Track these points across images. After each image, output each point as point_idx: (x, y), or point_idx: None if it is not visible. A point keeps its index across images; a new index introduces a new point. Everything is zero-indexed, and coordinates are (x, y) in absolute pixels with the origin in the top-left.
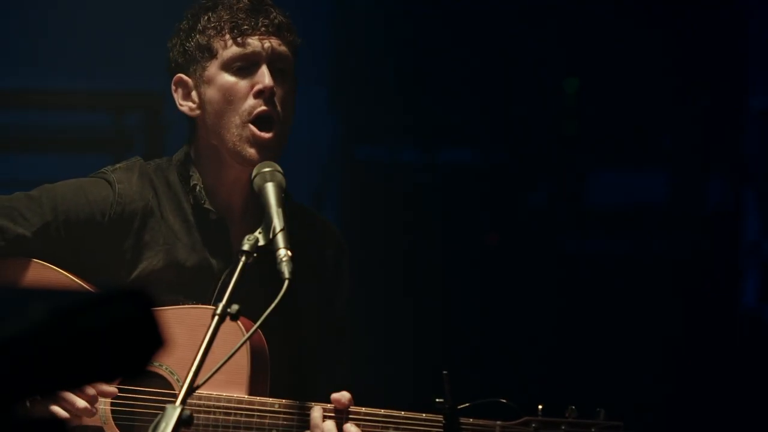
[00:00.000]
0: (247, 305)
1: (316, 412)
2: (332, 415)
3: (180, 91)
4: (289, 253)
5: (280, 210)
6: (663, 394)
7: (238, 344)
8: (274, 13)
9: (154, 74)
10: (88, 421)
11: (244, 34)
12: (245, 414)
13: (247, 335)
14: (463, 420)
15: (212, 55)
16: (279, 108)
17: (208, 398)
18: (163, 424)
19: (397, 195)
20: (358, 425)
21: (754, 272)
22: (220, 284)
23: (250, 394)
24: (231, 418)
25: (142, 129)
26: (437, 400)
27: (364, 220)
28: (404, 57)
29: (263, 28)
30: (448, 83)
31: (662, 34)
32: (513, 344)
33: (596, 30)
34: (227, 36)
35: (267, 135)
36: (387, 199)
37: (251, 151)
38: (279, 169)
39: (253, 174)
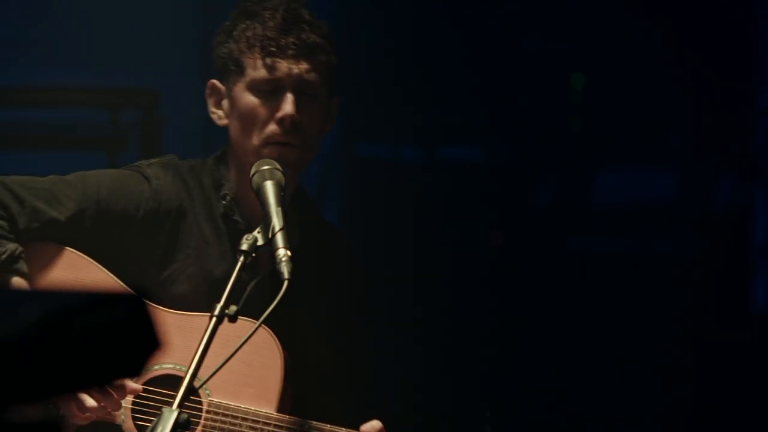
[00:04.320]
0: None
1: None
2: None
3: (213, 97)
4: (289, 252)
5: (279, 209)
6: (672, 395)
7: (239, 344)
8: (307, 32)
9: (151, 72)
10: (107, 419)
11: (272, 56)
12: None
13: (247, 335)
14: None
15: (241, 71)
16: (301, 133)
17: (236, 410)
18: (159, 428)
19: (399, 193)
20: None
21: (764, 272)
22: (246, 295)
23: (279, 411)
24: None
25: (138, 127)
26: None
27: (366, 219)
28: (406, 53)
29: (292, 51)
30: (451, 79)
31: (670, 31)
32: (517, 344)
33: (603, 25)
34: (256, 54)
35: (284, 149)
36: (389, 198)
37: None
38: (278, 167)
39: (252, 172)
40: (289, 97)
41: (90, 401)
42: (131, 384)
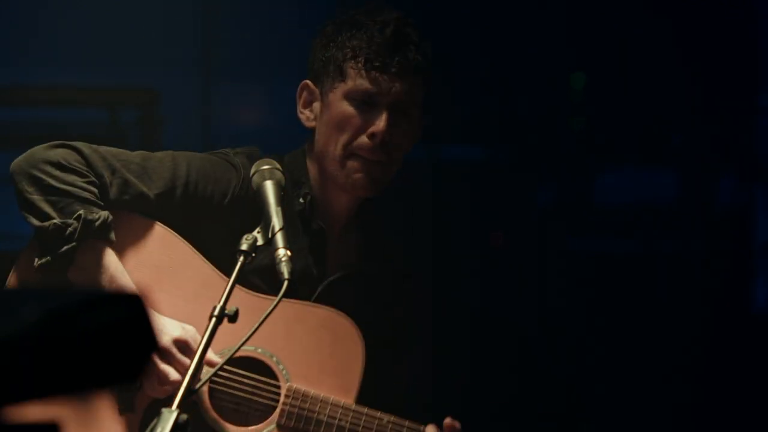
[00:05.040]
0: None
1: (431, 429)
2: None
3: (303, 97)
4: (288, 252)
5: (279, 209)
6: (672, 395)
7: (238, 345)
8: (413, 53)
9: (151, 71)
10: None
11: (375, 70)
12: (351, 422)
13: (249, 334)
14: None
15: (342, 78)
16: (389, 150)
17: (315, 398)
18: (159, 428)
19: (400, 193)
20: None
21: (765, 272)
22: (317, 294)
23: (356, 402)
24: (336, 422)
25: (137, 126)
26: None
27: None
28: None
29: (395, 69)
30: (453, 79)
31: (672, 30)
32: (518, 344)
33: (603, 25)
34: (360, 65)
35: (369, 164)
36: (390, 198)
37: (357, 176)
38: (278, 167)
39: (252, 171)
40: (384, 114)
41: (174, 374)
42: (211, 356)
